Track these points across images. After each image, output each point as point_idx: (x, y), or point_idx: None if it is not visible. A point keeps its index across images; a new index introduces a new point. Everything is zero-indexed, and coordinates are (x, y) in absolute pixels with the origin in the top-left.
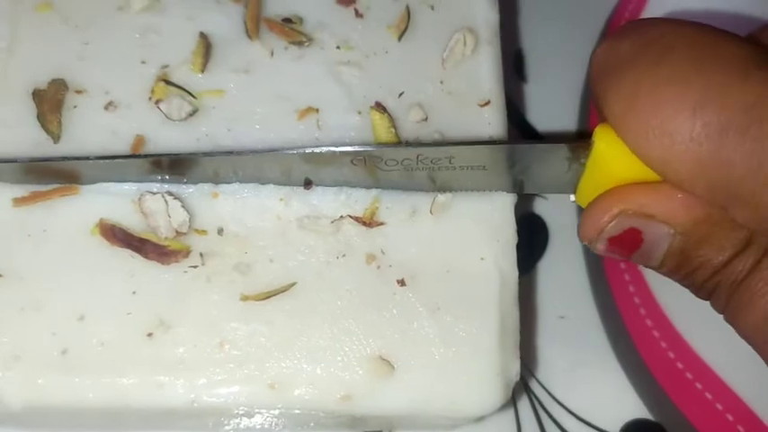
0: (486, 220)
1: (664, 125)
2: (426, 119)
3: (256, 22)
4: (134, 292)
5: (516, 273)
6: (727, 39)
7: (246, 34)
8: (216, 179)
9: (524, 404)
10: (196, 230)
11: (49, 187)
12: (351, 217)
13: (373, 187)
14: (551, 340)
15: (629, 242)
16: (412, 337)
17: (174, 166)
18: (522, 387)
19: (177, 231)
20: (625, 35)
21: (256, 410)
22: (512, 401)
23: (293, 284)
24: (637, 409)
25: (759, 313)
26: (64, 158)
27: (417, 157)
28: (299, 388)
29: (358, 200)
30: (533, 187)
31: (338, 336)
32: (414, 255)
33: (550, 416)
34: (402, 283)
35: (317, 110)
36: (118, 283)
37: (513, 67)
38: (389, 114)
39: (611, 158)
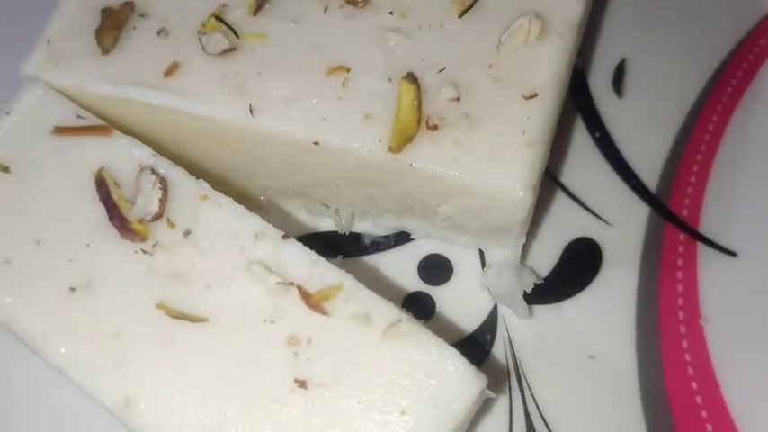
0: (426, 378)
1: None
2: (458, 99)
3: None
4: (87, 245)
5: None
6: None
7: None
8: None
9: None
10: (168, 220)
11: (91, 121)
12: (299, 289)
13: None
14: (573, 381)
15: None
16: None
17: None
18: (525, 422)
19: (142, 218)
20: None
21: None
22: None
23: (205, 321)
24: None
25: None
26: None
27: None
28: (147, 410)
29: (325, 276)
30: None
31: (205, 395)
32: (338, 365)
33: None
34: (303, 384)
35: (349, 69)
36: (81, 230)
37: (613, 79)
38: (419, 87)
39: None
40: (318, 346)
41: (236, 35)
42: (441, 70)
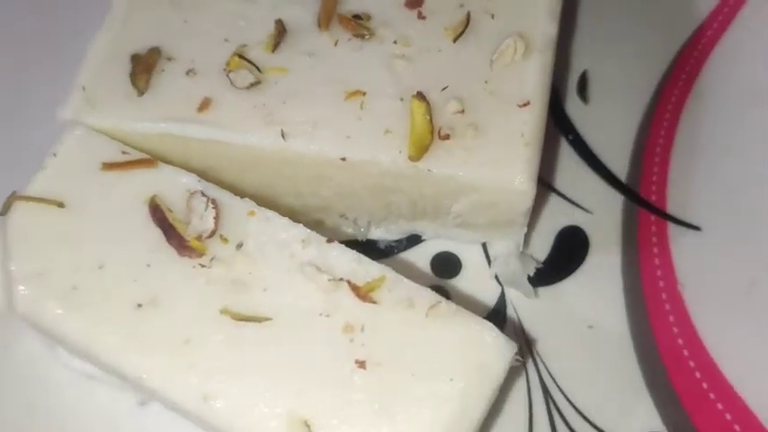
0: (468, 348)
1: None
2: (463, 111)
3: (329, 16)
4: (148, 265)
5: (483, 410)
6: None
7: (318, 25)
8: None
9: (540, 404)
10: (221, 236)
11: (137, 156)
12: (348, 283)
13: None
14: (577, 349)
15: None
16: (348, 420)
17: None
18: (540, 387)
19: (199, 236)
20: None
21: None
22: (527, 400)
23: (268, 320)
24: (653, 422)
25: None
26: None
27: None
28: (224, 406)
29: (369, 271)
30: None
31: (276, 385)
32: (390, 345)
33: (564, 419)
34: (362, 365)
35: (364, 93)
36: (140, 252)
37: (578, 88)
38: (428, 103)
39: None
40: (371, 330)
41: (259, 70)
42: (444, 88)
